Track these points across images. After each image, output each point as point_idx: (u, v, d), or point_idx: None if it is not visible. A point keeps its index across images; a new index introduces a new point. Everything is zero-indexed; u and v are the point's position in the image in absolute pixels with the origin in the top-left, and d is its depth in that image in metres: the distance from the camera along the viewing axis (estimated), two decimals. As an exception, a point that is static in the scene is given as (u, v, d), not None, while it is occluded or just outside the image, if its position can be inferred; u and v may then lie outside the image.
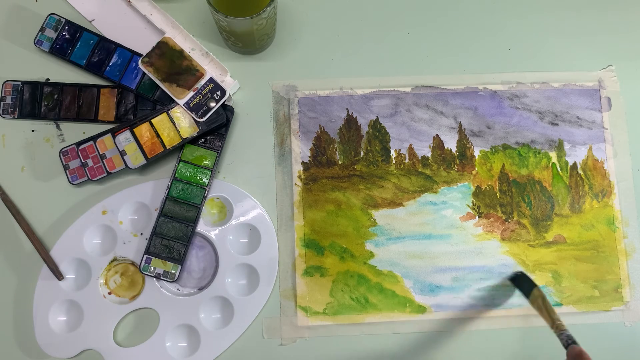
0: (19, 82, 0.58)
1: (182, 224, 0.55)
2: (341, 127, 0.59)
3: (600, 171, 0.60)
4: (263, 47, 0.60)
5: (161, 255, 0.55)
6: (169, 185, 0.56)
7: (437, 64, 0.61)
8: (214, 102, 0.55)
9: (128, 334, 0.56)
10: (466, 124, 0.60)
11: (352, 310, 0.56)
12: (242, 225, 0.57)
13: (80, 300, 0.55)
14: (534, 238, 0.58)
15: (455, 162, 0.59)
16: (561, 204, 0.59)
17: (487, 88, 0.61)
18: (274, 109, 0.59)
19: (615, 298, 0.58)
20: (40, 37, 0.57)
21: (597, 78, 0.62)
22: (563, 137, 0.60)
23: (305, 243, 0.57)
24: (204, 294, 0.56)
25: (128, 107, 0.58)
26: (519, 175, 0.60)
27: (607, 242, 0.59)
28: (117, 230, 0.56)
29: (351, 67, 0.61)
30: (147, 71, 0.54)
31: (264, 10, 0.50)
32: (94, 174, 0.55)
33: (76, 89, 0.58)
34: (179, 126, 0.55)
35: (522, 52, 0.62)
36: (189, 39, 0.57)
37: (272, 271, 0.56)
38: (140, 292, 0.56)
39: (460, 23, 0.62)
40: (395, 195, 0.58)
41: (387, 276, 0.57)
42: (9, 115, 0.58)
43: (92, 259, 0.56)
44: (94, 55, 0.58)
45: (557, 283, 0.58)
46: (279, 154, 0.59)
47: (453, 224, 0.58)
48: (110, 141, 0.55)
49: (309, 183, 0.58)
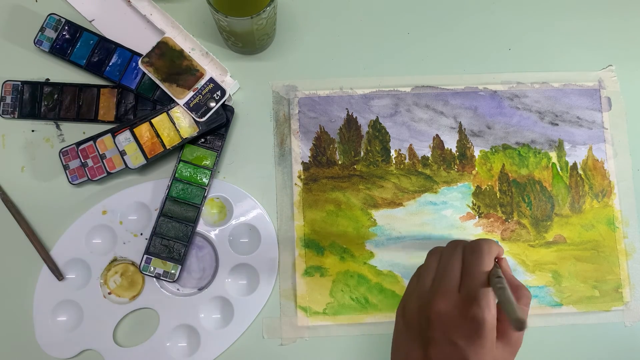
0: (19, 82, 0.58)
1: (182, 224, 0.55)
2: (341, 127, 0.59)
3: (600, 171, 0.60)
4: (263, 47, 0.60)
5: (161, 255, 0.55)
6: (169, 185, 0.56)
7: (437, 64, 0.61)
8: (214, 102, 0.55)
9: (128, 334, 0.56)
10: (466, 124, 0.60)
11: (352, 310, 0.56)
12: (242, 225, 0.57)
13: (80, 300, 0.55)
14: (534, 238, 0.58)
15: (455, 162, 0.59)
16: (561, 204, 0.59)
17: (487, 88, 0.61)
18: (274, 109, 0.59)
19: (615, 298, 0.58)
20: (40, 37, 0.57)
21: (597, 78, 0.62)
22: (563, 137, 0.60)
23: (305, 243, 0.57)
24: (204, 294, 0.56)
25: (128, 107, 0.58)
26: (519, 175, 0.60)
27: (607, 242, 0.59)
28: (117, 230, 0.56)
29: (351, 67, 0.61)
30: (147, 71, 0.54)
31: (264, 10, 0.50)
32: (94, 174, 0.55)
33: (76, 89, 0.58)
34: (179, 126, 0.55)
35: (522, 52, 0.62)
36: (189, 39, 0.57)
37: (272, 271, 0.56)
38: (140, 292, 0.56)
39: (460, 23, 0.62)
40: (395, 195, 0.58)
41: (387, 276, 0.57)
42: (9, 115, 0.58)
43: (92, 259, 0.56)
44: (94, 55, 0.58)
45: (557, 283, 0.58)
46: (279, 154, 0.59)
47: (453, 224, 0.58)
48: (110, 141, 0.55)
49: (309, 183, 0.58)
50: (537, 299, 0.57)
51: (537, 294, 0.57)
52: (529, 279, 0.58)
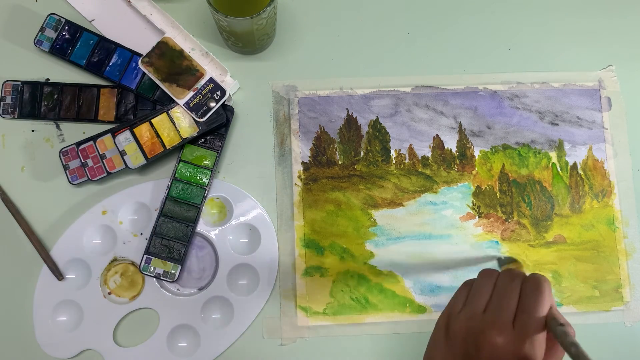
0: (19, 82, 0.58)
1: (182, 224, 0.55)
2: (341, 127, 0.59)
3: (600, 171, 0.60)
4: (263, 47, 0.60)
5: (161, 255, 0.55)
6: (169, 185, 0.56)
7: (437, 64, 0.61)
8: (214, 102, 0.55)
9: (128, 334, 0.56)
10: (466, 124, 0.60)
11: (352, 310, 0.56)
12: (242, 225, 0.57)
13: (80, 300, 0.55)
14: (534, 238, 0.58)
15: (455, 162, 0.59)
16: (561, 204, 0.59)
17: (487, 88, 0.61)
18: (274, 109, 0.59)
19: (615, 298, 0.58)
20: (40, 37, 0.57)
21: (597, 78, 0.62)
22: (563, 137, 0.60)
23: (305, 243, 0.57)
24: (204, 294, 0.56)
25: (128, 107, 0.58)
26: (519, 175, 0.60)
27: (607, 242, 0.59)
28: (117, 230, 0.56)
29: (351, 67, 0.61)
30: (147, 71, 0.54)
31: (264, 10, 0.50)
32: (94, 174, 0.55)
33: (76, 89, 0.58)
34: (179, 126, 0.55)
35: (522, 52, 0.62)
36: (189, 39, 0.57)
37: (272, 271, 0.56)
38: (140, 292, 0.56)
39: (460, 23, 0.62)
40: (395, 195, 0.58)
41: (387, 276, 0.57)
42: (8, 115, 0.58)
43: (92, 259, 0.56)
44: (94, 55, 0.58)
45: (557, 283, 0.58)
46: (279, 154, 0.59)
47: (453, 224, 0.58)
48: (110, 141, 0.55)
49: (309, 183, 0.58)
50: (537, 299, 0.57)
51: (537, 294, 0.57)
52: (529, 279, 0.58)
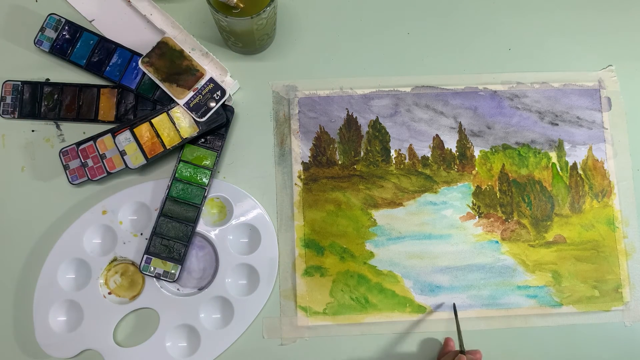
0: (19, 82, 0.58)
1: (182, 224, 0.55)
2: (341, 127, 0.59)
3: (600, 171, 0.60)
4: (263, 47, 0.60)
5: (161, 255, 0.55)
6: (169, 185, 0.56)
7: (437, 64, 0.61)
8: (214, 102, 0.55)
9: (128, 334, 0.56)
10: (466, 124, 0.60)
11: (352, 310, 0.56)
12: (242, 225, 0.57)
13: (80, 300, 0.55)
14: (534, 238, 0.58)
15: (455, 162, 0.59)
16: (561, 204, 0.59)
17: (487, 88, 0.61)
18: (274, 109, 0.59)
19: (615, 298, 0.58)
20: (40, 37, 0.57)
21: (597, 78, 0.62)
22: (563, 137, 0.60)
23: (305, 243, 0.57)
24: (204, 294, 0.56)
25: (128, 107, 0.58)
26: (519, 175, 0.60)
27: (607, 242, 0.59)
28: (117, 230, 0.56)
29: (351, 67, 0.61)
30: (147, 71, 0.54)
31: (264, 10, 0.50)
32: (94, 174, 0.55)
33: (76, 89, 0.58)
34: (179, 126, 0.55)
35: (522, 52, 0.62)
36: (189, 39, 0.57)
37: (272, 271, 0.56)
38: (140, 292, 0.56)
39: (460, 23, 0.62)
40: (395, 195, 0.58)
41: (387, 276, 0.57)
42: (9, 115, 0.58)
43: (92, 259, 0.56)
44: (94, 55, 0.58)
45: (557, 283, 0.58)
46: (279, 154, 0.59)
47: (453, 224, 0.58)
48: (110, 141, 0.55)
49: (309, 183, 0.58)
50: (537, 299, 0.57)
51: (537, 294, 0.57)
52: (529, 279, 0.58)
